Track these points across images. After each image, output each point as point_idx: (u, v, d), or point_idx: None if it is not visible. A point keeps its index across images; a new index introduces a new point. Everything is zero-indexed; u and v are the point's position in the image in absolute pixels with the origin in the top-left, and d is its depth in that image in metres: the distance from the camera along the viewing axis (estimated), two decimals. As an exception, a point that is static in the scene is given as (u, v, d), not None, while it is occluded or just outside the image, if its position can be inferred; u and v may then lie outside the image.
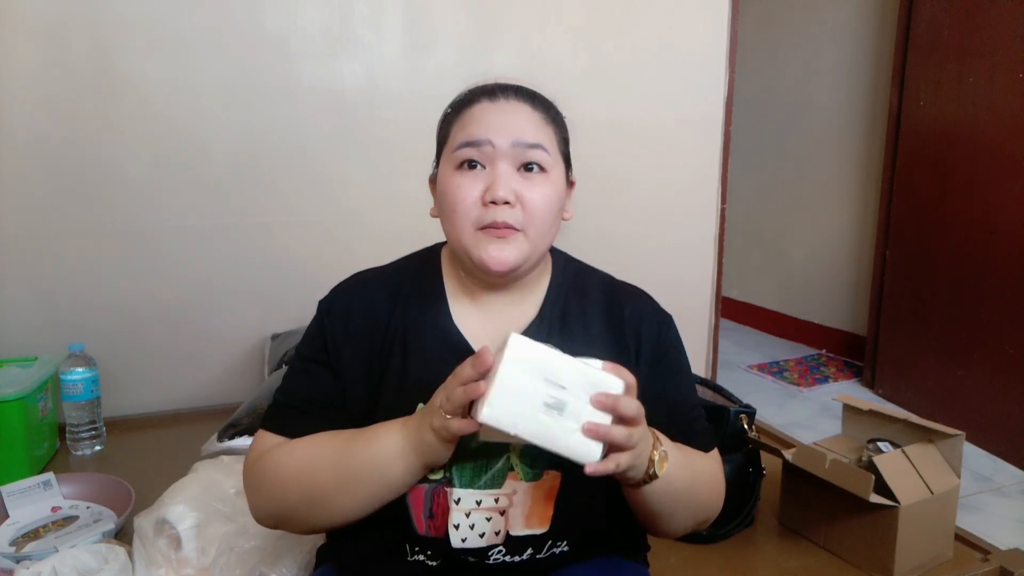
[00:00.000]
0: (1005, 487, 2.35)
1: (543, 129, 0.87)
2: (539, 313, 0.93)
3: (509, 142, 0.84)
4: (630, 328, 0.93)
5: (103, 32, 1.72)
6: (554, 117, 0.90)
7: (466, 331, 0.91)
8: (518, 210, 0.84)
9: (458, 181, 0.85)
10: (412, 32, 1.97)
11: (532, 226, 0.85)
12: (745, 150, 3.67)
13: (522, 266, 0.87)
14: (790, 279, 3.91)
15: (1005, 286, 2.50)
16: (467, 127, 0.86)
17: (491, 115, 0.86)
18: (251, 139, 1.87)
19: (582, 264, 1.01)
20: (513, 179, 0.84)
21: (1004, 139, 2.49)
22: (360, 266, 1.00)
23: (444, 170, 0.88)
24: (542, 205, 0.85)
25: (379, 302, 0.92)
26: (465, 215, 0.84)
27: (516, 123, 0.85)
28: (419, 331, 0.90)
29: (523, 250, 0.85)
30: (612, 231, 2.19)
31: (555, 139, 0.89)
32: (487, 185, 0.84)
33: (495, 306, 0.92)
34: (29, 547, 1.24)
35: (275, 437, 0.89)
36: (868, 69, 3.32)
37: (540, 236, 0.86)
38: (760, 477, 1.40)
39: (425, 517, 0.86)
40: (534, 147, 0.85)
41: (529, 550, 0.87)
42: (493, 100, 0.87)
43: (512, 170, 0.84)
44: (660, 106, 2.24)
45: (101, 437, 1.67)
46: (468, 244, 0.85)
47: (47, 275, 1.77)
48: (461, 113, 0.88)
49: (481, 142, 0.84)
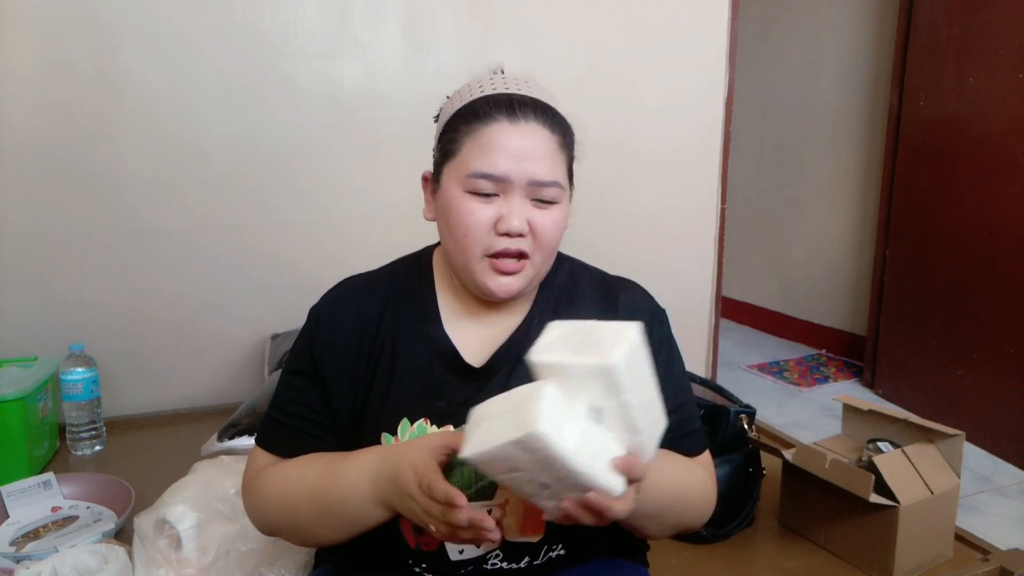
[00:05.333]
0: (1005, 487, 2.35)
1: (558, 158, 0.86)
2: (528, 316, 0.92)
3: (526, 180, 0.83)
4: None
5: (103, 32, 1.72)
6: (568, 141, 0.88)
7: (457, 338, 0.90)
8: (528, 239, 0.84)
9: (470, 206, 0.83)
10: (412, 32, 1.97)
11: (540, 252, 0.86)
12: (745, 150, 3.67)
13: (525, 289, 0.88)
14: (790, 279, 3.91)
15: (1005, 286, 2.50)
16: (486, 153, 0.82)
17: (511, 142, 0.82)
18: (251, 139, 1.87)
19: (575, 261, 1.00)
20: (527, 210, 0.84)
21: (1004, 139, 2.49)
22: (360, 266, 1.00)
23: (451, 186, 0.85)
24: (552, 232, 0.86)
25: (368, 309, 0.91)
26: (476, 242, 0.83)
27: (534, 157, 0.83)
28: (409, 338, 0.90)
29: (528, 277, 0.87)
30: (612, 231, 2.19)
31: (565, 164, 0.88)
32: (500, 214, 0.83)
33: (489, 315, 0.92)
34: (29, 547, 1.24)
35: (268, 456, 0.91)
36: (868, 69, 3.32)
37: (545, 260, 0.88)
38: (760, 477, 1.40)
39: (415, 533, 0.86)
40: (550, 185, 0.84)
41: (527, 557, 0.87)
42: (513, 121, 0.83)
43: (526, 200, 0.84)
44: (660, 106, 2.24)
45: (101, 437, 1.67)
46: (475, 270, 0.85)
47: (47, 275, 1.77)
48: (476, 129, 0.84)
49: (499, 178, 0.82)
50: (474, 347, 0.90)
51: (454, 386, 0.88)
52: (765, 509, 1.42)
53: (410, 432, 0.85)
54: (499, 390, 0.85)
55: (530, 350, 0.70)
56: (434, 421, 0.86)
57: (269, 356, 1.85)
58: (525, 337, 0.89)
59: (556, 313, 0.92)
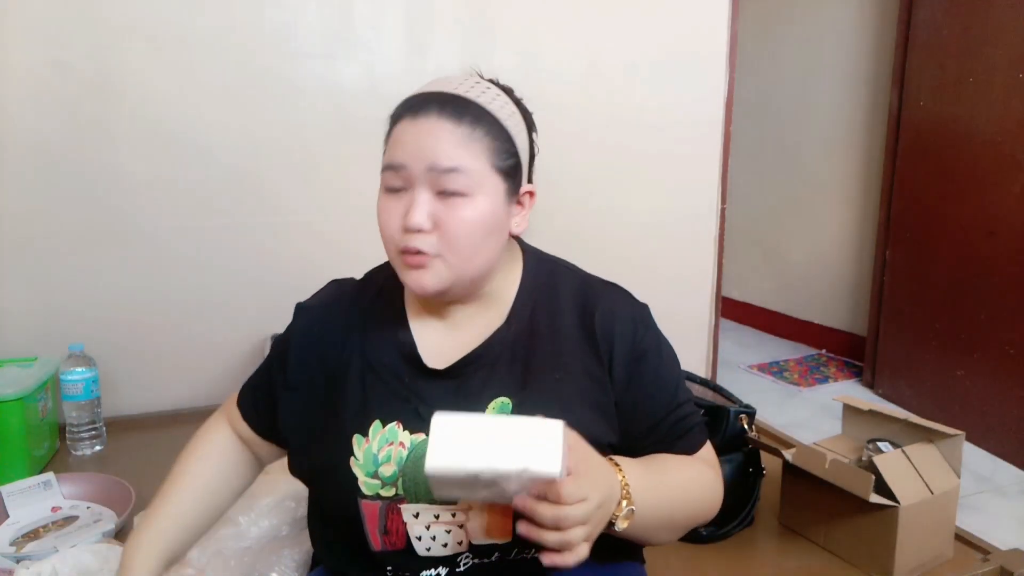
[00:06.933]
0: (1005, 487, 2.35)
1: (466, 148, 0.81)
2: (506, 321, 0.90)
3: (424, 166, 0.80)
4: (602, 332, 0.89)
5: (103, 32, 1.72)
6: (488, 131, 0.83)
7: (423, 342, 0.90)
8: (434, 236, 0.81)
9: (383, 204, 0.84)
10: (412, 32, 1.97)
11: (451, 251, 0.81)
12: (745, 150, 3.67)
13: (451, 289, 0.84)
14: (790, 279, 3.91)
15: (1005, 286, 2.50)
16: (391, 148, 0.84)
17: (409, 136, 0.81)
18: (251, 139, 1.87)
19: (555, 262, 0.97)
20: (430, 204, 0.81)
21: (1004, 139, 2.49)
22: (360, 266, 1.01)
23: (380, 187, 0.87)
24: (461, 230, 0.81)
25: (343, 318, 0.93)
26: (390, 240, 0.84)
27: (433, 146, 0.80)
28: (378, 342, 0.90)
29: (442, 276, 0.82)
30: (612, 231, 2.19)
31: (485, 155, 0.82)
32: (406, 210, 0.81)
33: (457, 317, 0.91)
34: (29, 547, 1.24)
35: (232, 407, 1.02)
36: (868, 69, 3.32)
37: (464, 260, 0.82)
38: (760, 477, 1.40)
39: (380, 533, 0.86)
40: (450, 171, 0.80)
41: (496, 553, 0.87)
42: (414, 118, 0.82)
43: (430, 195, 0.81)
44: (660, 106, 2.24)
45: (101, 437, 1.67)
46: (397, 268, 0.86)
47: (47, 275, 1.77)
48: (391, 129, 0.85)
49: (397, 166, 0.82)
50: (442, 349, 0.89)
51: (425, 390, 0.88)
52: (765, 509, 1.42)
53: (381, 435, 0.86)
54: (473, 393, 0.87)
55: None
56: (407, 426, 0.86)
57: (269, 356, 1.85)
58: (502, 341, 0.89)
59: (533, 319, 0.90)
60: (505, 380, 0.87)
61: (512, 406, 0.86)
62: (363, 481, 0.85)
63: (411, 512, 0.84)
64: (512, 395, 0.86)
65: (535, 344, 0.89)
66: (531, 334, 0.90)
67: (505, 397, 0.87)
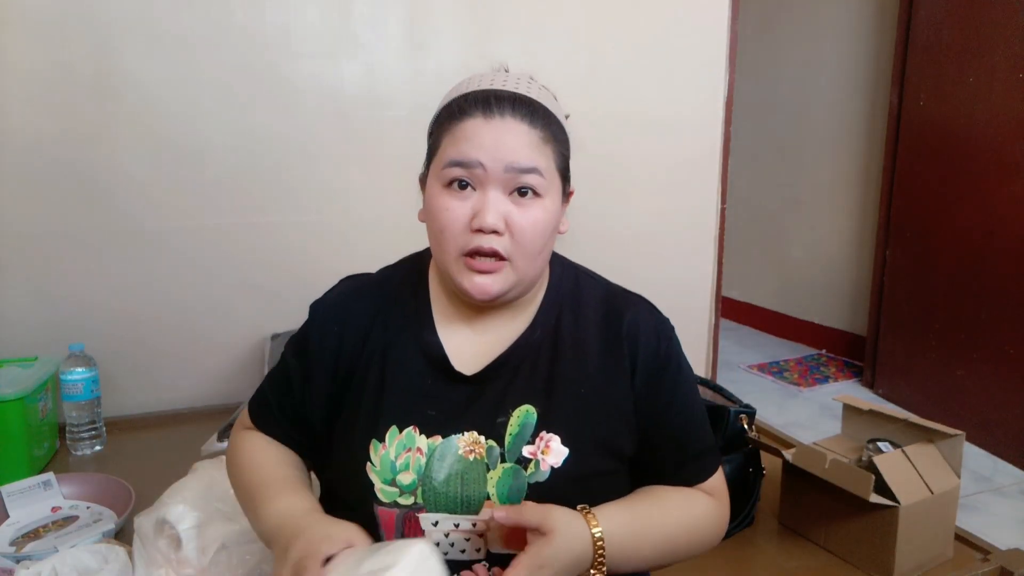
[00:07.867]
0: (1005, 487, 2.35)
1: (540, 150, 0.81)
2: (531, 326, 0.89)
3: (502, 166, 0.78)
4: (627, 341, 0.88)
5: (103, 32, 1.72)
6: (555, 133, 0.83)
7: (450, 345, 0.88)
8: (506, 238, 0.80)
9: (446, 203, 0.80)
10: (412, 32, 1.97)
11: (520, 254, 0.81)
12: (745, 150, 3.67)
13: (508, 293, 0.84)
14: (790, 279, 3.92)
15: (1005, 286, 2.51)
16: (458, 144, 0.80)
17: (484, 134, 0.79)
18: (251, 139, 1.87)
19: (580, 271, 0.96)
20: (503, 204, 0.79)
21: (1004, 139, 2.49)
22: (360, 266, 1.00)
23: (432, 184, 0.83)
24: (532, 232, 0.80)
25: (362, 316, 0.90)
26: (452, 240, 0.80)
27: (511, 145, 0.79)
28: (400, 345, 0.88)
29: (509, 280, 0.82)
30: (612, 231, 2.19)
31: (553, 158, 0.83)
32: (476, 210, 0.79)
33: (485, 322, 0.89)
34: (29, 547, 1.24)
35: (249, 420, 0.97)
36: (868, 69, 3.32)
37: (529, 263, 0.82)
38: (760, 477, 1.40)
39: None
40: (529, 172, 0.79)
41: None
42: (487, 116, 0.80)
43: (503, 195, 0.80)
44: (660, 106, 2.24)
45: (101, 437, 1.67)
46: (453, 270, 0.82)
47: (47, 275, 1.77)
48: (452, 124, 0.82)
49: (471, 164, 0.79)
50: (468, 355, 0.88)
51: (445, 395, 0.86)
52: (765, 509, 1.42)
53: (399, 440, 0.84)
54: (495, 400, 0.85)
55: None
56: (423, 430, 0.84)
57: (269, 356, 1.84)
58: (527, 347, 0.88)
59: (558, 327, 0.89)
60: (528, 387, 0.86)
61: (537, 415, 0.85)
62: (380, 488, 0.83)
63: (430, 521, 0.83)
64: (537, 404, 0.85)
65: (560, 352, 0.88)
66: (556, 341, 0.88)
67: (530, 405, 0.85)
